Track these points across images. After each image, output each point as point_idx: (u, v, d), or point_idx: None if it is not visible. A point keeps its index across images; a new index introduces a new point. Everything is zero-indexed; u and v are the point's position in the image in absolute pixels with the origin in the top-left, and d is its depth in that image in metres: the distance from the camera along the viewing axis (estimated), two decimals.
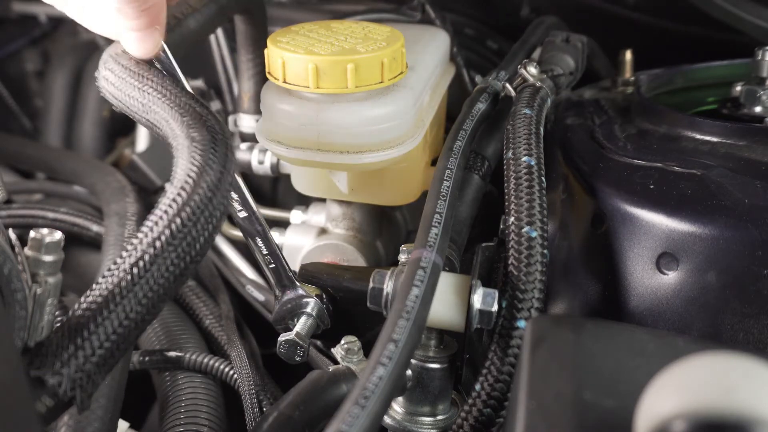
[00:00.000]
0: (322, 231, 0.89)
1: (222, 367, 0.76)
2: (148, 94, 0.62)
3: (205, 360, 0.76)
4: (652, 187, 0.63)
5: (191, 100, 0.60)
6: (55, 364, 0.45)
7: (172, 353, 0.77)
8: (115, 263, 0.49)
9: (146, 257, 0.48)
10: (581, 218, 0.68)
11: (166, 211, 0.50)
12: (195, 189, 0.51)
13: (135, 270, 0.48)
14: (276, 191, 1.13)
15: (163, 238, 0.49)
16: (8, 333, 0.44)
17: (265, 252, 0.69)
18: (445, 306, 0.58)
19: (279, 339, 0.69)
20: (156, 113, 0.61)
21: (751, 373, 0.33)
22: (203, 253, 0.51)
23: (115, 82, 0.64)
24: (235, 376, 0.75)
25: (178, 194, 0.51)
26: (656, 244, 0.61)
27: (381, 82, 0.71)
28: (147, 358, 0.77)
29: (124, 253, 0.49)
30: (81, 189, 1.09)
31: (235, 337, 0.80)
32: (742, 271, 0.57)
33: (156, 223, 0.50)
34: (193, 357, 0.76)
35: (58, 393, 0.45)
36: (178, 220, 0.49)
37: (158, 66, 0.66)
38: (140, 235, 0.50)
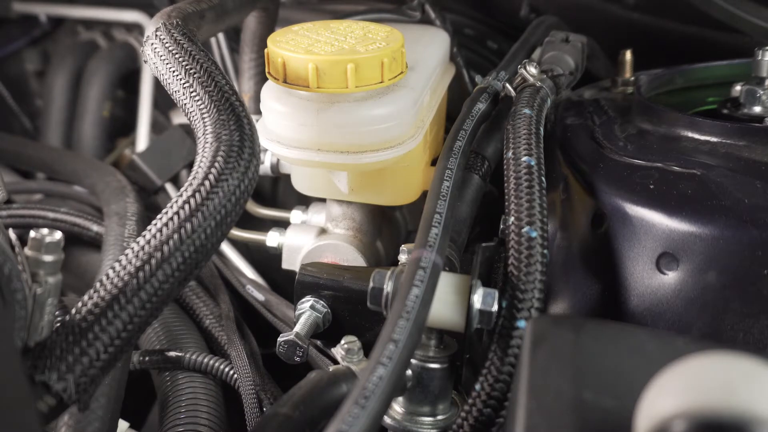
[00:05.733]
0: (322, 231, 0.89)
1: (222, 367, 0.76)
2: (192, 77, 0.60)
3: (205, 360, 0.76)
4: (652, 187, 0.63)
5: (233, 95, 0.59)
6: (60, 369, 0.45)
7: (172, 353, 0.77)
8: (119, 263, 0.49)
9: (153, 261, 0.48)
10: (581, 218, 0.68)
11: (177, 213, 0.49)
12: (210, 195, 0.50)
13: (141, 274, 0.48)
14: (276, 191, 1.13)
15: (171, 242, 0.48)
16: (8, 333, 0.44)
17: None
18: (445, 306, 0.58)
19: (279, 339, 0.70)
20: (193, 100, 0.59)
21: (751, 373, 0.33)
22: (209, 257, 0.51)
23: (162, 55, 0.63)
24: (235, 376, 0.75)
25: (192, 196, 0.50)
26: (656, 244, 0.61)
27: (381, 82, 0.71)
28: (147, 358, 0.77)
29: (130, 254, 0.49)
30: (81, 189, 1.09)
31: (235, 337, 0.80)
32: (742, 271, 0.57)
33: (166, 225, 0.49)
34: (193, 357, 0.76)
35: (63, 397, 0.45)
36: (189, 226, 0.49)
37: None
38: (148, 235, 0.49)
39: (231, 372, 0.76)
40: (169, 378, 0.76)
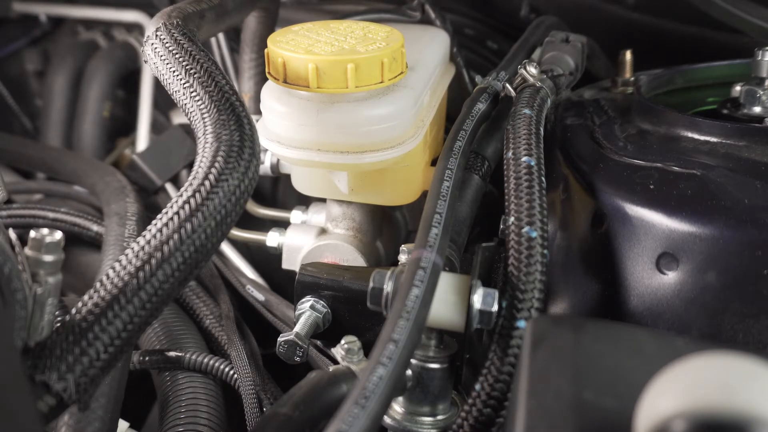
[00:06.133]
0: (322, 231, 0.89)
1: (222, 367, 0.76)
2: (193, 77, 0.61)
3: (205, 360, 0.76)
4: (651, 187, 0.63)
5: (233, 95, 0.59)
6: (60, 368, 0.45)
7: (172, 353, 0.77)
8: (120, 263, 0.49)
9: (153, 261, 0.48)
10: (581, 218, 0.68)
11: (177, 213, 0.49)
12: (210, 195, 0.50)
13: (141, 274, 0.48)
14: (276, 191, 1.13)
15: (171, 242, 0.48)
16: (8, 333, 0.44)
17: None
18: (445, 306, 0.58)
19: (279, 339, 0.70)
20: (194, 100, 0.59)
21: (751, 373, 0.33)
22: (209, 257, 0.51)
23: (162, 55, 0.64)
24: (235, 376, 0.75)
25: (192, 196, 0.50)
26: (656, 244, 0.61)
27: (381, 82, 0.71)
28: (147, 358, 0.77)
29: (130, 254, 0.49)
30: (81, 189, 1.10)
31: (235, 337, 0.80)
32: (741, 271, 0.57)
33: (166, 225, 0.49)
34: (193, 357, 0.76)
35: (63, 397, 0.45)
36: (189, 226, 0.49)
37: None
38: (148, 235, 0.49)
39: (231, 372, 0.76)
40: (169, 378, 0.76)
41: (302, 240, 0.89)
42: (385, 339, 0.47)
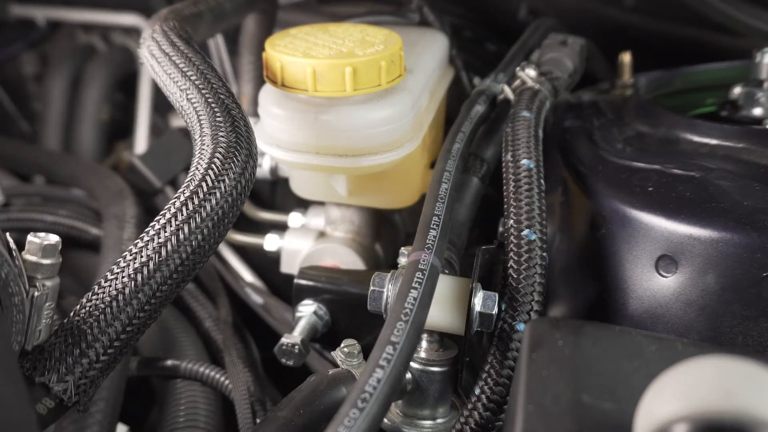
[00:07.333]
0: (321, 234, 0.89)
1: (217, 376, 0.75)
2: (189, 80, 0.61)
3: (201, 369, 0.75)
4: (650, 189, 0.63)
5: (228, 97, 0.59)
6: (59, 370, 0.45)
7: (169, 362, 0.76)
8: (118, 266, 0.49)
9: (151, 264, 0.48)
10: (580, 221, 0.68)
11: (175, 215, 0.49)
12: (207, 196, 0.50)
13: (139, 276, 0.48)
14: (275, 194, 1.13)
15: (169, 245, 0.48)
16: (6, 337, 0.44)
17: None
18: (445, 309, 0.58)
19: (278, 343, 0.69)
20: (189, 102, 0.59)
21: (751, 376, 0.32)
22: (207, 259, 0.51)
23: (159, 57, 0.64)
24: (231, 386, 0.74)
25: (190, 198, 0.50)
26: (655, 246, 0.60)
27: (379, 85, 0.71)
28: (145, 367, 0.76)
29: (129, 256, 0.49)
30: (80, 192, 1.09)
31: (230, 343, 0.79)
32: (741, 274, 0.57)
33: (164, 227, 0.49)
34: (189, 366, 0.75)
35: (63, 399, 0.45)
36: (186, 228, 0.49)
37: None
38: (146, 237, 0.49)
39: (227, 382, 0.75)
40: (168, 382, 0.76)
41: (301, 243, 0.88)
42: (384, 341, 0.47)
